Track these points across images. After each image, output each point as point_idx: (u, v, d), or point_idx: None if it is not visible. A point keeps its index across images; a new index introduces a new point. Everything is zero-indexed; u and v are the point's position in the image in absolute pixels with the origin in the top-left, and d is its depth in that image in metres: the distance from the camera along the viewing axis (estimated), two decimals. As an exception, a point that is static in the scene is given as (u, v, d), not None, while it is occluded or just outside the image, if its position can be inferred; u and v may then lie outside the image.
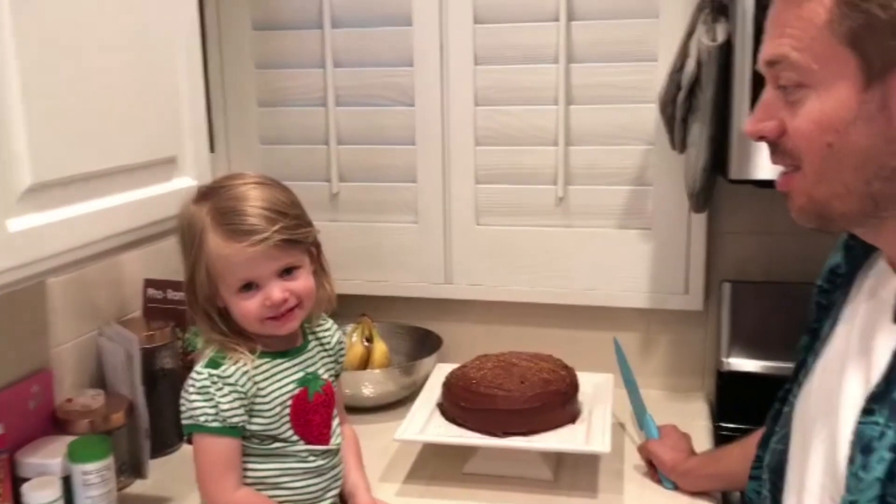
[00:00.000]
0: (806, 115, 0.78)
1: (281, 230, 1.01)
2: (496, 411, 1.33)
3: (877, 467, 0.72)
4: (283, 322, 1.05)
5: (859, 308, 0.87)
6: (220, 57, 1.78)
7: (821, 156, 0.78)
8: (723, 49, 1.35)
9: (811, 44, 0.75)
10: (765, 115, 0.82)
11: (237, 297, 1.03)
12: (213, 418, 1.01)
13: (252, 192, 1.03)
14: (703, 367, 1.72)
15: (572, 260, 1.70)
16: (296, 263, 1.05)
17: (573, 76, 1.63)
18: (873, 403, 0.76)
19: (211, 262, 1.01)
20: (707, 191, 1.46)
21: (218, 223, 1.01)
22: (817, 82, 0.77)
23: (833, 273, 0.94)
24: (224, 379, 1.02)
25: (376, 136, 1.74)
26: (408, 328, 1.79)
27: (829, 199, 0.79)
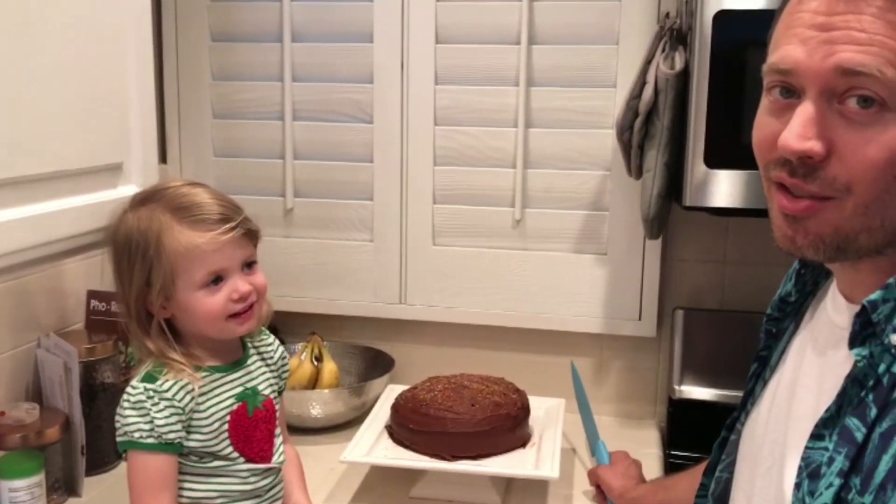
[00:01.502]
0: (884, 143, 0.69)
1: (244, 220, 1.01)
2: (445, 434, 1.31)
3: (825, 493, 0.71)
4: (243, 320, 1.02)
5: (810, 336, 0.86)
6: (177, 67, 1.75)
7: (880, 188, 0.70)
8: (680, 77, 1.36)
9: None
10: (812, 131, 0.71)
11: (199, 294, 0.99)
12: (147, 434, 0.97)
13: (198, 189, 1.03)
14: (655, 394, 1.72)
15: (528, 283, 1.70)
16: (255, 258, 1.05)
17: (533, 99, 1.63)
18: (823, 429, 0.75)
19: (177, 257, 0.98)
20: (662, 217, 1.46)
21: (181, 217, 0.99)
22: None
23: (783, 301, 0.94)
24: (160, 393, 0.98)
25: (333, 152, 1.72)
26: (360, 348, 1.76)
27: (859, 233, 0.73)
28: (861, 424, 0.71)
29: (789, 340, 0.91)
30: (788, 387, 0.86)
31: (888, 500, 0.67)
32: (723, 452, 0.99)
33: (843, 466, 0.71)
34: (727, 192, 1.32)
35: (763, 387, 0.93)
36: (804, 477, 0.74)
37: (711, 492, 0.99)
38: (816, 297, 0.90)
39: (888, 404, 0.70)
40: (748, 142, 1.31)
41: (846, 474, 0.71)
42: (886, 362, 0.71)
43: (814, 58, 0.71)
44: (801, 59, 0.71)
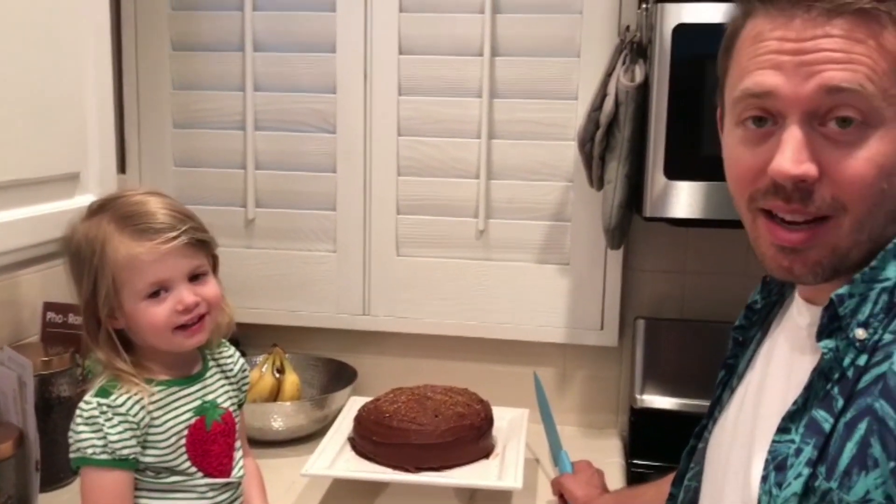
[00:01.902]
0: (868, 158, 0.72)
1: (191, 230, 0.99)
2: (409, 446, 1.30)
3: (794, 483, 0.73)
4: (192, 333, 1.00)
5: (778, 342, 0.88)
6: (137, 76, 1.73)
7: (871, 202, 0.73)
8: (640, 89, 1.37)
9: (882, 78, 0.71)
10: (805, 155, 0.72)
11: (144, 304, 0.98)
12: (101, 450, 0.95)
13: (151, 198, 1.01)
14: (617, 403, 1.73)
15: (491, 293, 1.70)
16: (204, 269, 1.02)
17: (496, 111, 1.64)
18: (789, 422, 0.77)
19: (118, 268, 0.97)
20: (623, 228, 1.48)
21: (124, 227, 0.97)
22: (880, 121, 0.72)
23: (749, 309, 0.96)
24: (114, 409, 0.96)
25: (296, 162, 1.72)
26: (322, 360, 1.75)
27: (851, 250, 0.75)
28: (828, 415, 0.73)
29: (756, 348, 0.93)
30: (756, 392, 0.87)
31: (853, 485, 0.69)
32: (691, 461, 1.00)
33: (811, 456, 0.73)
34: (687, 203, 1.34)
35: (730, 394, 0.94)
36: (771, 469, 0.76)
37: (680, 501, 1.00)
38: (784, 306, 0.92)
39: (853, 395, 0.72)
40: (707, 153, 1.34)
41: (814, 463, 0.72)
42: (851, 355, 0.74)
43: (793, 80, 0.72)
44: (780, 83, 0.73)
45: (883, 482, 0.68)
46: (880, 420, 0.69)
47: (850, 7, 0.71)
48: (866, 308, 0.74)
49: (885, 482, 0.68)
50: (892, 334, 0.72)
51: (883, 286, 0.74)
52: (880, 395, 0.70)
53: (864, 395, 0.71)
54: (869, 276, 0.74)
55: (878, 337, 0.73)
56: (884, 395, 0.69)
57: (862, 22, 0.71)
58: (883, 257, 0.75)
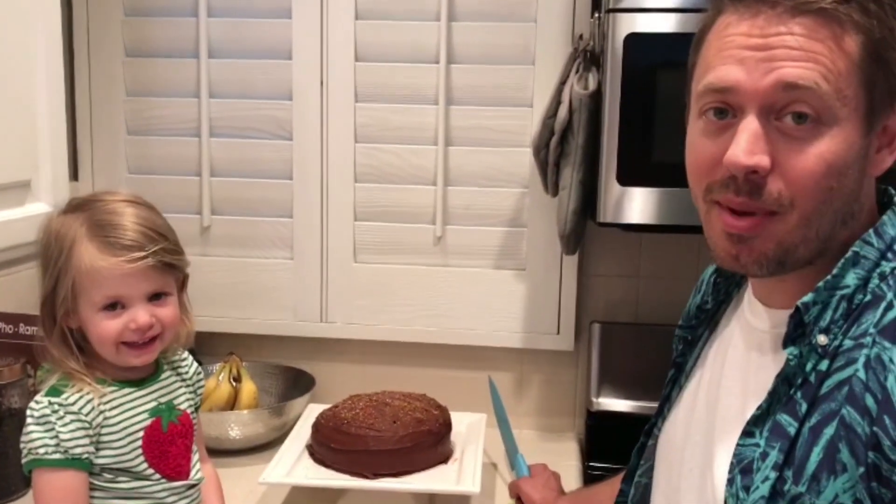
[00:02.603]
0: (818, 155, 0.74)
1: (160, 252, 0.98)
2: (367, 452, 1.31)
3: (761, 486, 0.75)
4: (140, 352, 0.99)
5: (728, 341, 0.90)
6: (89, 82, 1.71)
7: (819, 199, 0.74)
8: (594, 97, 1.40)
9: (838, 78, 0.73)
10: (759, 146, 0.74)
11: (98, 315, 0.97)
12: (53, 450, 0.94)
13: (130, 209, 0.99)
14: (573, 406, 1.75)
15: (449, 299, 1.71)
16: (167, 290, 1.01)
17: (452, 118, 1.65)
18: (753, 426, 0.78)
19: (79, 274, 0.96)
20: (577, 233, 1.49)
21: (94, 234, 0.96)
22: (833, 120, 0.73)
23: (700, 309, 0.98)
24: (65, 407, 0.95)
25: (251, 170, 1.71)
26: (280, 368, 1.74)
27: (798, 245, 0.76)
28: (792, 420, 0.75)
29: (704, 346, 0.95)
30: (709, 390, 0.89)
31: (822, 490, 0.71)
32: (641, 458, 1.01)
33: (777, 460, 0.75)
34: (640, 209, 1.36)
35: (679, 392, 0.96)
36: (736, 472, 0.78)
37: (631, 497, 1.01)
38: (731, 306, 0.94)
39: (816, 400, 0.74)
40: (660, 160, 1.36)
41: (780, 467, 0.74)
42: (813, 361, 0.76)
43: (753, 75, 0.74)
44: (741, 78, 0.75)
45: (852, 486, 0.70)
46: (847, 426, 0.71)
47: (813, 6, 0.73)
48: (827, 315, 0.76)
49: (854, 486, 0.70)
50: (852, 340, 0.74)
51: (842, 293, 0.76)
52: (846, 401, 0.72)
53: (827, 401, 0.73)
54: (830, 284, 0.76)
55: (839, 342, 0.75)
56: (850, 401, 0.71)
57: (824, 22, 0.73)
58: (843, 265, 0.77)
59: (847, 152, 0.74)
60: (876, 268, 0.77)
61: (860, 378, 0.71)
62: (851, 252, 0.77)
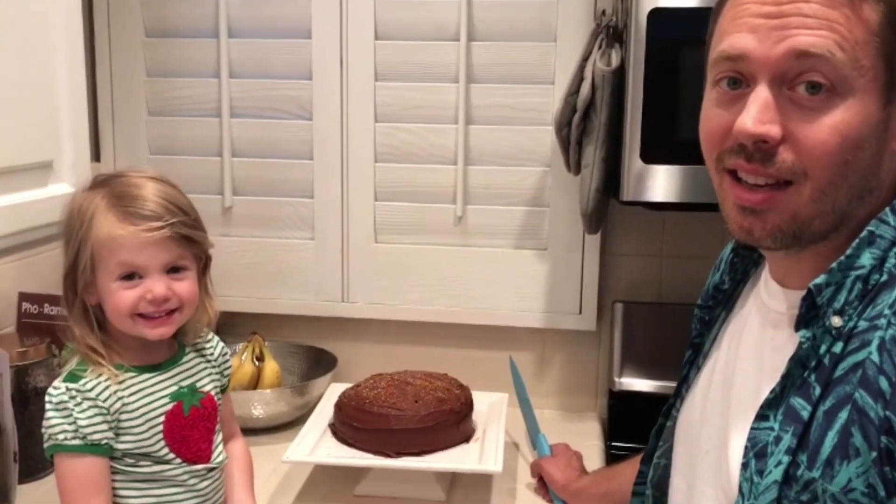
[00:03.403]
0: (832, 126, 0.71)
1: (179, 224, 0.98)
2: (389, 431, 1.31)
3: (774, 471, 0.74)
4: (156, 325, 0.99)
5: (745, 321, 0.89)
6: (110, 63, 1.71)
7: (834, 172, 0.73)
8: (617, 74, 1.38)
9: (855, 47, 0.71)
10: (769, 115, 0.72)
11: (115, 285, 0.97)
12: (72, 436, 0.95)
13: (151, 183, 0.99)
14: (595, 386, 1.74)
15: (469, 279, 1.70)
16: (185, 265, 1.00)
17: (473, 96, 1.63)
18: (767, 409, 0.77)
19: (98, 244, 0.96)
20: (600, 212, 1.48)
21: (113, 205, 0.97)
22: (849, 90, 0.71)
23: (716, 289, 0.97)
24: (83, 393, 0.95)
25: (272, 150, 1.71)
26: (302, 347, 1.75)
27: (813, 219, 0.75)
28: (806, 403, 0.74)
29: (721, 327, 0.94)
30: (725, 371, 0.88)
31: (835, 474, 0.70)
32: (659, 439, 1.01)
33: (791, 444, 0.74)
34: (663, 187, 1.34)
35: (697, 373, 0.95)
36: (751, 456, 0.77)
37: (650, 479, 1.01)
38: (747, 285, 0.93)
39: (830, 383, 0.73)
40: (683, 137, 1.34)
41: (794, 451, 0.73)
42: (827, 343, 0.74)
43: (765, 44, 0.73)
44: (753, 46, 0.73)
45: (864, 471, 0.68)
46: (860, 410, 0.69)
47: None
48: (842, 296, 0.74)
49: (867, 471, 0.68)
50: (867, 322, 0.72)
51: (857, 274, 0.74)
52: (859, 384, 0.70)
53: (841, 384, 0.72)
54: (845, 265, 0.75)
55: (854, 324, 0.73)
56: (863, 384, 0.70)
57: None
58: (858, 245, 0.75)
59: (863, 124, 0.72)
60: (892, 247, 0.75)
61: (874, 361, 0.70)
62: (867, 231, 0.75)
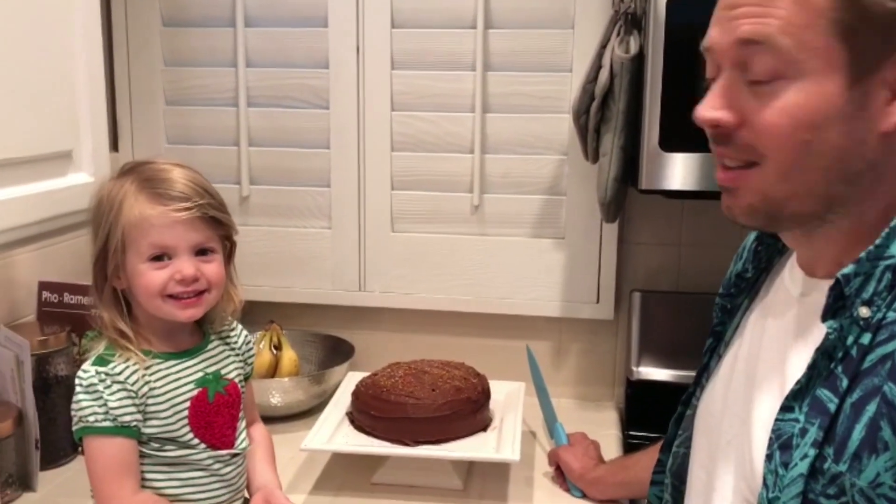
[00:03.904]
0: (782, 109, 0.73)
1: (207, 206, 1.00)
2: (406, 419, 1.31)
3: (800, 464, 0.73)
4: (186, 305, 1.00)
5: (768, 310, 0.88)
6: (128, 53, 1.72)
7: (794, 153, 0.74)
8: (635, 61, 1.37)
9: (802, 30, 0.71)
10: (722, 101, 0.76)
11: (144, 266, 0.98)
12: (103, 417, 0.96)
13: (177, 169, 1.02)
14: (613, 375, 1.74)
15: (486, 268, 1.70)
16: (213, 247, 1.02)
17: (489, 84, 1.63)
18: (793, 401, 0.76)
19: (129, 226, 0.97)
20: (618, 201, 1.47)
21: (143, 188, 0.98)
22: (799, 73, 0.72)
23: (739, 278, 0.96)
24: (112, 376, 0.97)
25: (289, 139, 1.71)
26: (319, 336, 1.75)
27: (787, 200, 0.76)
28: (833, 395, 0.73)
29: (744, 315, 0.93)
30: (748, 360, 0.88)
31: (864, 468, 0.69)
32: (679, 428, 1.00)
33: (817, 437, 0.73)
34: (682, 175, 1.33)
35: (718, 361, 0.95)
36: (775, 448, 0.76)
37: (669, 467, 1.00)
38: (771, 274, 0.92)
39: (858, 375, 0.72)
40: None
41: (820, 444, 0.72)
42: (854, 334, 0.73)
43: (723, 35, 0.76)
44: (716, 38, 0.77)
45: (893, 465, 0.67)
46: (889, 403, 0.68)
47: None
48: (870, 286, 0.73)
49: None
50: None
51: (887, 264, 0.73)
52: (888, 376, 0.69)
53: (870, 376, 0.71)
54: (874, 255, 0.74)
55: (882, 315, 0.72)
56: (892, 376, 0.69)
57: None
58: (887, 235, 0.74)
59: (820, 105, 0.72)
60: None
61: None
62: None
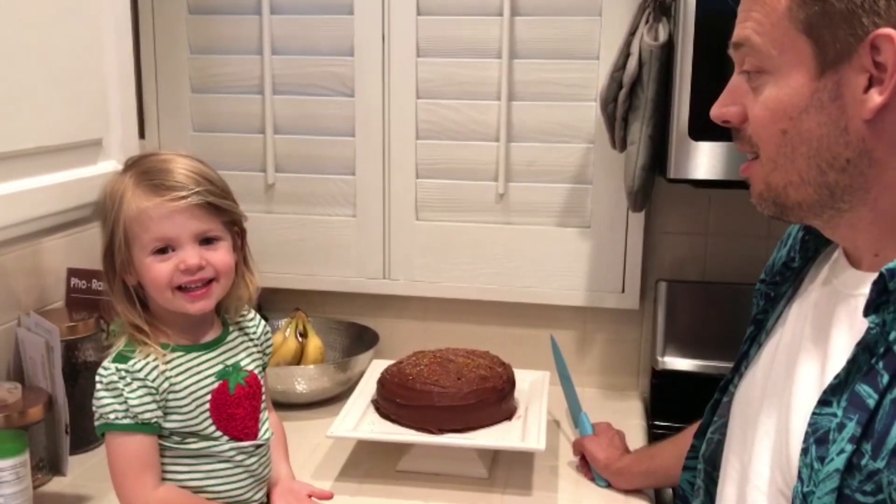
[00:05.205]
0: (763, 102, 0.79)
1: (205, 192, 0.98)
2: (432, 408, 1.31)
3: (836, 459, 0.72)
4: (195, 297, 0.99)
5: (811, 300, 0.87)
6: (154, 41, 1.72)
7: (775, 143, 0.79)
8: (664, 48, 1.35)
9: (771, 29, 0.77)
10: (729, 99, 0.83)
11: (150, 260, 0.98)
12: (123, 415, 0.96)
13: (180, 158, 1.01)
14: (638, 365, 1.73)
15: (511, 257, 1.70)
16: (217, 234, 1.01)
17: (515, 72, 1.62)
18: (831, 395, 0.75)
19: (129, 221, 0.97)
20: (646, 190, 1.46)
21: (140, 181, 0.98)
22: (775, 68, 0.78)
23: (785, 266, 0.95)
24: (133, 374, 0.97)
25: (315, 127, 1.71)
26: (344, 324, 1.76)
27: (785, 187, 0.80)
28: (872, 391, 0.72)
29: (787, 304, 0.92)
30: (789, 350, 0.87)
31: None
32: (714, 414, 1.00)
33: (854, 432, 0.72)
34: (710, 164, 1.32)
35: (759, 350, 0.94)
36: (811, 442, 0.75)
37: (702, 453, 1.00)
38: (816, 263, 0.91)
39: None
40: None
41: (858, 440, 0.71)
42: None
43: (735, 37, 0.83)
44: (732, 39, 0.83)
45: None
46: None
47: None
48: None
49: None
50: None
51: None
52: None
53: None
54: None
55: None
56: None
57: None
58: None
59: (792, 97, 0.76)
60: None
61: None
62: None
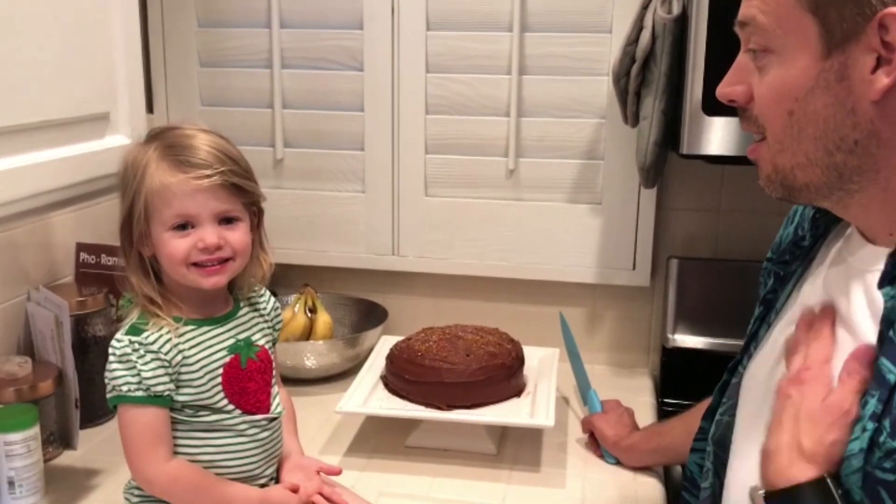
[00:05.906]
0: (768, 82, 0.77)
1: (229, 173, 0.98)
2: (441, 384, 1.31)
3: (862, 436, 0.70)
4: (209, 273, 0.99)
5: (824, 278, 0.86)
6: (161, 14, 1.71)
7: (781, 124, 0.77)
8: (678, 22, 1.33)
9: (777, 8, 0.75)
10: (735, 78, 0.81)
11: (169, 234, 0.97)
12: (136, 387, 0.96)
13: (203, 135, 1.00)
14: (648, 343, 1.72)
15: (521, 233, 1.68)
16: (237, 215, 1.01)
17: (527, 46, 1.60)
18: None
19: (151, 194, 0.97)
20: (658, 166, 1.45)
21: (165, 155, 0.97)
22: (780, 48, 0.76)
23: (796, 245, 0.94)
24: (145, 346, 0.97)
25: (323, 101, 1.69)
26: (353, 300, 1.76)
27: (792, 169, 0.78)
28: (892, 366, 0.70)
29: (797, 283, 0.91)
30: None
31: None
32: (723, 396, 0.99)
33: (876, 409, 0.70)
34: (724, 140, 1.30)
35: (768, 330, 0.93)
36: None
37: (711, 435, 0.99)
38: (826, 242, 0.90)
39: None
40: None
41: (878, 417, 0.70)
42: None
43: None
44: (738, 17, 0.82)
45: None
46: None
47: None
48: None
49: None
50: None
51: None
52: None
53: None
54: None
55: None
56: None
57: None
58: None
59: (798, 77, 0.75)
60: None
61: None
62: None
